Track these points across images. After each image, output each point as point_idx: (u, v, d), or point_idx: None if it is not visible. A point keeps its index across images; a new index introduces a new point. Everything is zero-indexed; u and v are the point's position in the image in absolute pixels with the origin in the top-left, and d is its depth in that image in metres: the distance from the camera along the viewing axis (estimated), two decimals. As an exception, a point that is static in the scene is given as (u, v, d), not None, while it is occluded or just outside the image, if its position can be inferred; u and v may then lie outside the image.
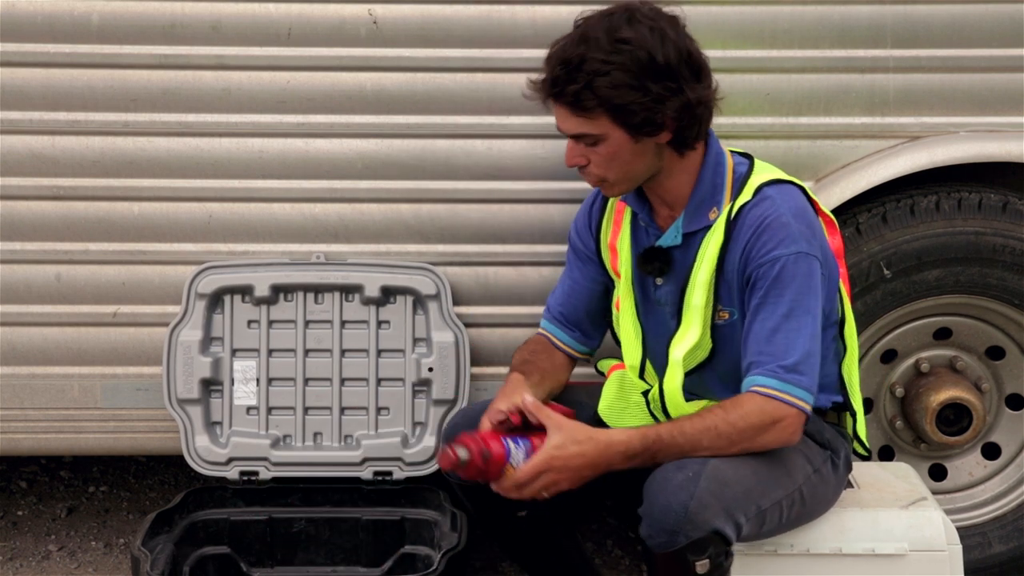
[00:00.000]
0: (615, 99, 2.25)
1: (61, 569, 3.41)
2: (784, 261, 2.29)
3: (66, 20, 2.86)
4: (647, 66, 2.25)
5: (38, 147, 2.91)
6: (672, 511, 2.17)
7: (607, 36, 2.25)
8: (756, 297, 2.31)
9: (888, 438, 3.17)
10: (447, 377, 2.96)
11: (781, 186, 2.40)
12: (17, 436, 3.02)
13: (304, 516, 2.99)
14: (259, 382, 2.98)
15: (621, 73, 2.24)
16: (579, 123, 2.31)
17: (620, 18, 2.28)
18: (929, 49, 2.91)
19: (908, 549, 2.45)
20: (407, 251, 2.98)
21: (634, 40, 2.24)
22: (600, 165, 2.36)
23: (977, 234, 2.95)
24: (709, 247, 2.38)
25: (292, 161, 2.93)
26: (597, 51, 2.24)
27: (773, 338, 2.28)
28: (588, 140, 2.33)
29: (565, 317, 2.66)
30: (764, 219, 2.32)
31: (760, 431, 2.26)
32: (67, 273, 2.96)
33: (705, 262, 2.38)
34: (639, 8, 2.31)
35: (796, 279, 2.29)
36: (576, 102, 2.27)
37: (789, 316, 2.28)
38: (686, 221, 2.41)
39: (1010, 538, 3.13)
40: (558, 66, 2.28)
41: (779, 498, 2.34)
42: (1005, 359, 3.13)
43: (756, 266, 2.31)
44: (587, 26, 2.29)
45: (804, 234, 2.32)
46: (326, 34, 2.88)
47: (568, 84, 2.26)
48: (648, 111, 2.26)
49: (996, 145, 2.94)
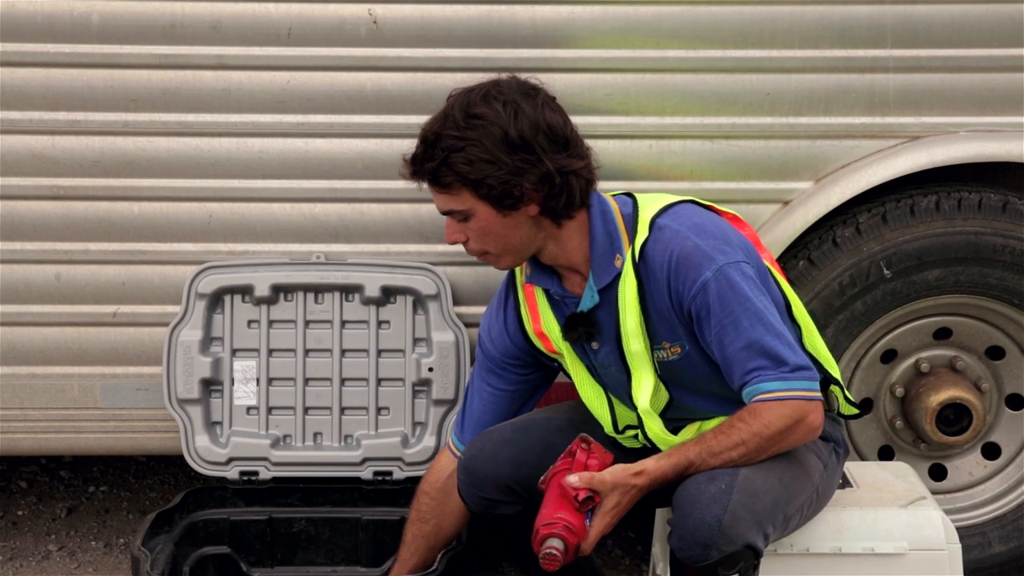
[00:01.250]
0: (470, 174, 2.28)
1: (61, 569, 3.41)
2: (713, 283, 2.27)
3: (66, 20, 2.86)
4: (500, 140, 2.28)
5: (38, 147, 2.91)
6: (706, 525, 2.16)
7: (462, 113, 2.29)
8: (711, 327, 2.29)
9: (888, 438, 3.17)
10: (447, 377, 2.96)
11: (671, 211, 2.39)
12: (17, 436, 3.02)
13: (304, 516, 2.99)
14: (259, 382, 2.99)
15: (475, 148, 2.27)
16: (445, 200, 2.35)
17: (477, 95, 2.32)
18: (929, 49, 2.91)
19: (907, 549, 2.45)
20: (407, 251, 2.98)
21: (486, 116, 2.28)
22: (477, 240, 2.38)
23: (977, 234, 2.95)
24: (626, 294, 2.36)
25: (292, 161, 2.93)
26: (452, 128, 2.29)
27: (751, 354, 2.26)
28: (458, 216, 2.36)
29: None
30: (671, 254, 2.31)
31: (787, 433, 2.25)
32: (67, 273, 2.96)
33: (628, 310, 2.36)
34: (500, 83, 2.35)
35: (734, 291, 2.27)
36: (435, 179, 2.32)
37: (752, 327, 2.26)
38: (596, 278, 2.38)
39: (1010, 538, 3.13)
40: (419, 143, 2.34)
41: (801, 502, 2.35)
42: (1005, 359, 3.13)
43: (690, 300, 2.29)
44: (449, 104, 2.34)
45: (714, 246, 2.31)
46: (326, 34, 2.88)
47: (425, 162, 2.32)
48: (505, 184, 2.28)
49: (996, 145, 2.94)
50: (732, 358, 2.28)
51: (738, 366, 2.27)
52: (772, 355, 2.25)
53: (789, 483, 2.29)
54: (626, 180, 2.87)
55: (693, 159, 2.94)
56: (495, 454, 2.50)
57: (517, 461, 2.47)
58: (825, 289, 2.96)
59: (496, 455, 2.49)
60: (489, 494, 2.50)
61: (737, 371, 2.28)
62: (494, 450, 2.51)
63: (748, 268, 2.31)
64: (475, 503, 2.53)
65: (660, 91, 2.92)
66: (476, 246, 2.39)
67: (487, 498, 2.50)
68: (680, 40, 2.89)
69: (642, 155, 2.93)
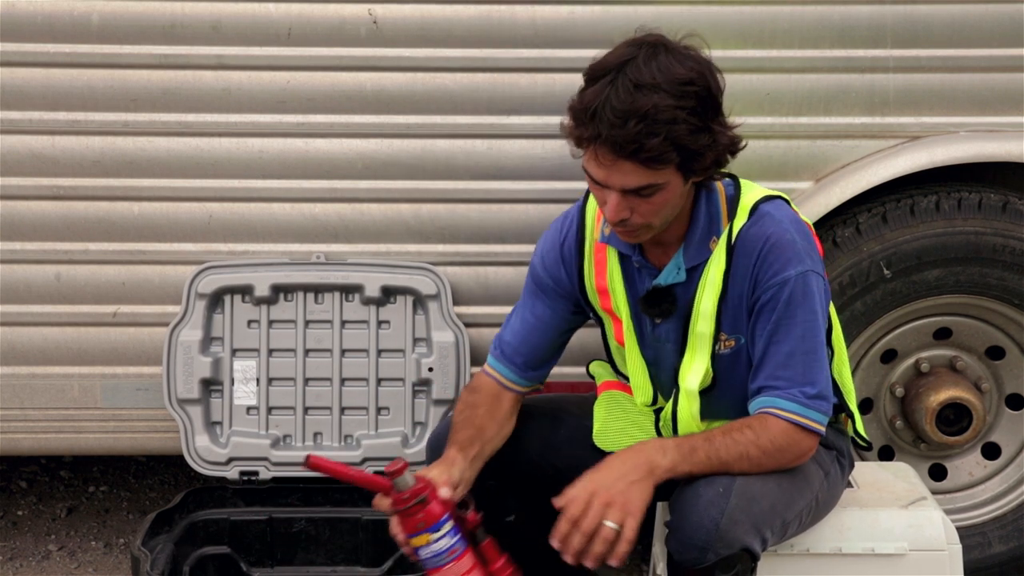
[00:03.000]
0: (691, 145, 2.12)
1: (61, 569, 3.41)
2: (793, 283, 2.24)
3: (66, 20, 2.86)
4: (710, 105, 2.16)
5: (38, 147, 2.91)
6: (703, 528, 2.14)
7: (667, 79, 2.10)
8: (768, 320, 2.26)
9: (888, 438, 3.17)
10: (447, 377, 2.96)
11: (773, 201, 2.35)
12: (17, 436, 3.02)
13: (304, 516, 2.99)
14: (259, 382, 2.99)
15: (694, 118, 2.12)
16: (646, 176, 2.14)
17: (667, 58, 2.13)
18: (929, 49, 2.91)
19: (908, 549, 2.45)
20: (407, 251, 2.98)
21: (696, 80, 2.13)
22: (648, 214, 2.20)
23: (977, 234, 2.95)
24: (711, 275, 2.31)
25: (292, 161, 2.93)
26: (667, 97, 2.09)
27: (790, 362, 2.24)
28: (646, 192, 2.16)
29: (522, 357, 2.51)
30: (767, 239, 2.26)
31: (785, 454, 2.25)
32: (67, 273, 2.96)
33: (708, 291, 2.31)
34: (668, 43, 2.18)
35: (806, 299, 2.24)
36: (657, 157, 2.10)
37: (804, 338, 2.24)
38: (688, 256, 2.32)
39: (1010, 538, 3.13)
40: (631, 120, 2.08)
41: (800, 508, 2.34)
42: (1005, 359, 3.13)
43: (765, 289, 2.26)
44: (632, 71, 2.11)
45: (807, 250, 2.28)
46: (326, 34, 2.88)
47: (648, 138, 2.08)
48: (714, 152, 2.17)
49: (996, 145, 2.94)
50: (770, 357, 2.26)
51: (770, 367, 2.26)
52: (806, 373, 2.24)
53: (788, 489, 2.29)
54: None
55: (693, 159, 2.93)
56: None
57: None
58: (825, 289, 2.96)
59: None
60: None
61: (766, 371, 2.26)
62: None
63: (823, 282, 2.29)
64: None
65: (660, 91, 2.91)
66: (643, 219, 2.21)
67: None
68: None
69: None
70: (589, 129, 2.13)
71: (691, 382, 2.36)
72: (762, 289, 2.26)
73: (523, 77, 2.91)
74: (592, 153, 2.16)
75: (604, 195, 2.20)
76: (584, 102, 2.14)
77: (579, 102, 2.16)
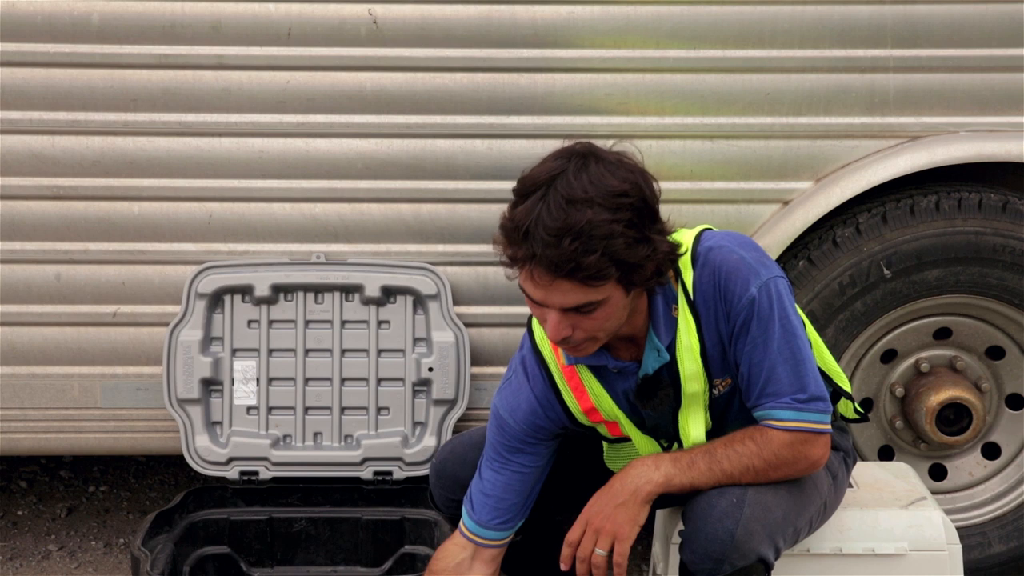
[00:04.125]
0: (630, 259, 2.05)
1: (61, 569, 3.41)
2: (758, 297, 2.19)
3: (66, 20, 2.86)
4: (647, 215, 2.08)
5: (38, 147, 2.91)
6: (719, 539, 2.13)
7: (599, 192, 2.02)
8: (746, 342, 2.22)
9: (888, 438, 3.17)
10: (447, 377, 2.96)
11: (704, 235, 2.28)
12: (17, 436, 3.02)
13: (304, 516, 2.99)
14: (259, 382, 2.99)
15: (631, 230, 2.04)
16: (586, 294, 2.06)
17: (598, 168, 2.05)
18: (929, 49, 2.91)
19: (908, 549, 2.44)
20: (407, 251, 2.98)
21: (630, 191, 2.05)
22: (591, 329, 2.13)
23: (977, 234, 2.95)
24: (684, 340, 2.25)
25: (292, 161, 2.93)
26: (601, 211, 2.01)
27: (774, 375, 2.21)
28: (587, 309, 2.09)
29: (507, 514, 2.40)
30: (717, 271, 2.20)
31: (794, 464, 2.23)
32: (67, 273, 2.96)
33: (687, 355, 2.26)
34: (598, 152, 2.10)
35: (774, 308, 2.20)
36: (595, 275, 2.03)
37: (781, 349, 2.20)
38: (660, 336, 2.24)
39: (1010, 538, 3.13)
40: (566, 238, 2.00)
41: (811, 515, 2.33)
42: (1005, 359, 3.13)
43: (736, 315, 2.21)
44: (562, 185, 2.03)
45: (756, 259, 2.23)
46: (326, 34, 2.88)
47: (585, 255, 2.00)
48: (654, 262, 2.10)
49: (996, 145, 2.94)
50: (755, 375, 2.22)
51: (758, 384, 2.23)
52: (794, 379, 2.21)
53: (798, 496, 2.27)
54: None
55: (693, 159, 2.94)
56: (464, 456, 2.48)
57: None
58: (825, 289, 2.96)
59: (466, 457, 2.48)
60: (458, 495, 2.48)
61: (755, 389, 2.23)
62: (464, 453, 2.50)
63: (786, 283, 2.25)
64: (445, 505, 2.53)
65: (660, 91, 2.92)
66: (584, 335, 2.14)
67: (456, 500, 2.49)
68: (680, 40, 2.90)
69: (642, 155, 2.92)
70: (523, 249, 2.04)
71: (696, 435, 2.32)
72: (734, 316, 2.22)
73: (523, 77, 2.91)
74: (528, 273, 2.08)
75: (543, 313, 2.13)
76: (515, 220, 2.06)
77: (510, 220, 2.08)
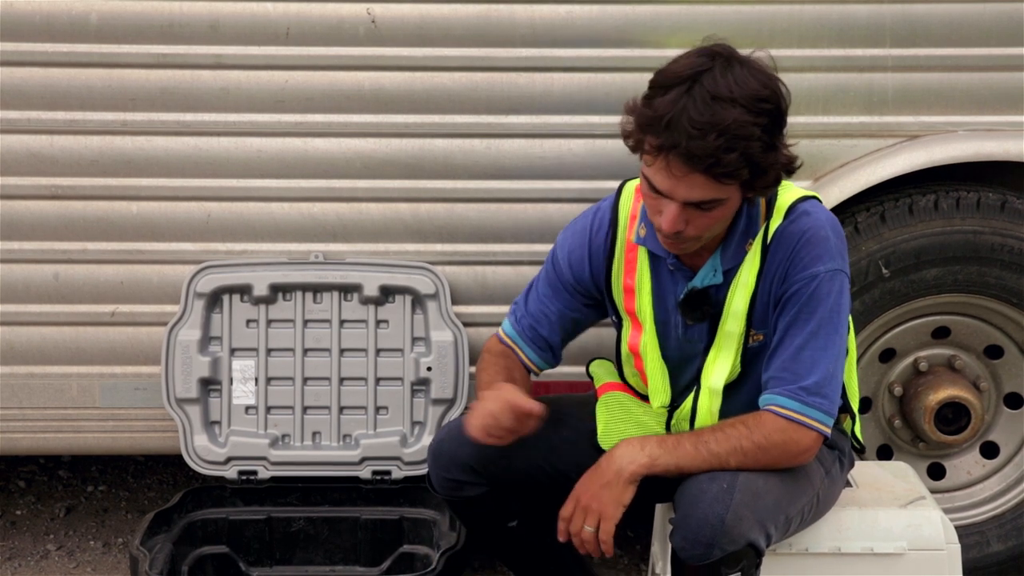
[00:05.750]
0: (761, 163, 2.11)
1: (59, 568, 3.41)
2: (820, 279, 2.23)
3: (64, 19, 2.86)
4: (780, 123, 2.15)
5: (36, 146, 2.91)
6: (708, 524, 2.15)
7: (744, 94, 2.08)
8: (788, 314, 2.25)
9: (887, 437, 3.17)
10: (446, 376, 2.96)
11: (811, 200, 2.34)
12: (16, 435, 3.02)
13: (303, 515, 2.99)
14: (258, 381, 2.99)
15: (767, 135, 2.10)
16: (713, 190, 2.12)
17: (742, 71, 2.11)
18: (928, 48, 2.91)
19: (907, 548, 2.44)
20: (406, 250, 2.98)
21: (771, 97, 2.12)
22: (702, 227, 2.19)
23: (975, 233, 2.95)
24: (743, 276, 2.30)
25: (290, 160, 2.93)
26: (744, 113, 2.07)
27: (799, 356, 2.24)
28: (707, 206, 2.14)
29: (540, 336, 2.52)
30: (803, 234, 2.25)
31: (781, 452, 2.25)
32: (65, 272, 2.96)
33: (740, 292, 2.31)
34: (740, 56, 2.15)
35: (829, 297, 2.24)
36: (730, 172, 2.08)
37: (816, 334, 2.24)
38: (725, 259, 2.30)
39: (1008, 537, 3.13)
40: (711, 133, 2.05)
41: (802, 505, 2.34)
42: (1004, 358, 3.13)
43: (792, 282, 2.25)
44: (708, 82, 2.08)
45: (840, 249, 2.28)
46: (324, 33, 2.88)
47: (726, 153, 2.06)
48: (776, 170, 2.16)
49: (994, 144, 2.94)
50: (783, 349, 2.25)
51: (780, 359, 2.26)
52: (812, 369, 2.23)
53: (790, 484, 2.29)
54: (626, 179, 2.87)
55: (692, 158, 2.93)
56: (461, 437, 2.45)
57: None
58: (824, 288, 2.96)
59: (461, 437, 2.45)
60: (454, 475, 2.48)
61: (776, 363, 2.27)
62: (459, 432, 2.47)
63: (848, 283, 2.29)
64: (441, 485, 2.51)
65: (659, 90, 2.91)
66: (695, 232, 2.19)
67: (452, 479, 2.48)
68: (679, 39, 2.89)
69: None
70: (663, 138, 2.09)
71: (716, 380, 2.36)
72: (791, 282, 2.26)
73: (521, 76, 2.91)
74: (663, 162, 2.11)
75: (661, 204, 2.17)
76: (657, 110, 2.10)
77: (650, 109, 2.11)
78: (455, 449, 2.47)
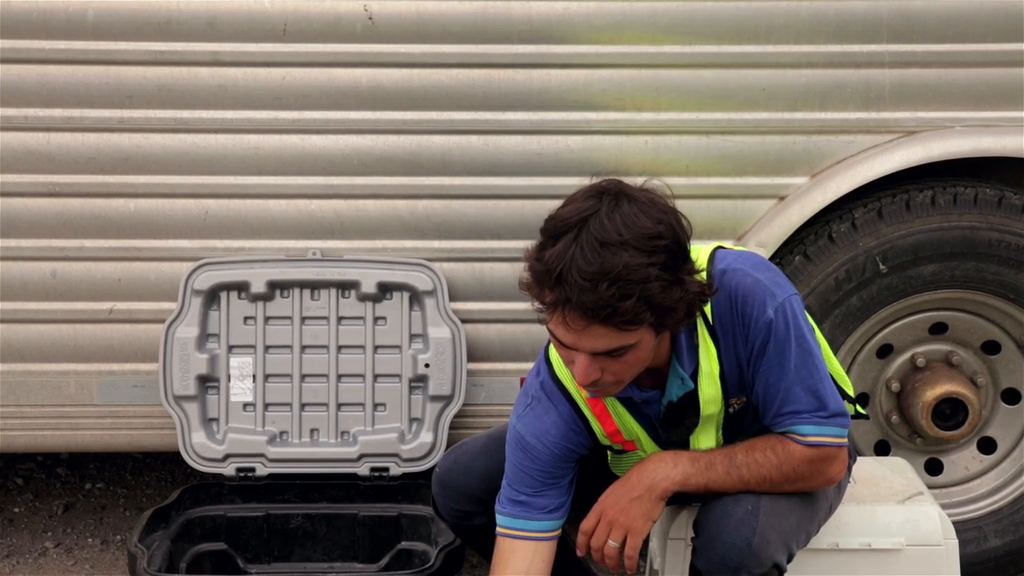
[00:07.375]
0: (664, 303, 1.99)
1: (58, 566, 3.41)
2: (775, 320, 2.16)
3: (61, 16, 2.85)
4: (680, 257, 2.02)
5: (34, 144, 2.91)
6: (736, 548, 2.12)
7: (634, 234, 1.96)
8: (764, 360, 2.19)
9: (884, 433, 3.18)
10: (444, 373, 2.96)
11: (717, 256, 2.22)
12: (13, 433, 3.02)
13: (301, 512, 2.99)
14: (255, 378, 2.98)
15: (666, 273, 1.98)
16: (618, 338, 2.01)
17: (631, 209, 1.99)
18: (925, 44, 2.91)
19: (904, 544, 2.45)
20: (403, 247, 2.98)
21: (664, 233, 1.99)
22: (619, 373, 2.09)
23: (973, 229, 2.95)
24: (704, 366, 2.22)
25: (288, 157, 2.93)
26: (637, 255, 1.95)
27: (794, 392, 2.19)
28: (617, 353, 2.04)
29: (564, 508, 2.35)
30: (734, 295, 2.16)
31: (810, 479, 2.23)
32: (63, 270, 2.96)
33: (707, 381, 2.24)
34: (629, 191, 2.04)
35: (790, 329, 2.17)
36: (631, 319, 1.97)
37: (800, 366, 2.18)
38: (684, 364, 2.20)
39: (1006, 532, 3.13)
40: (602, 282, 1.94)
41: (820, 518, 2.35)
42: (1001, 354, 3.13)
43: (753, 337, 2.18)
44: (596, 227, 1.97)
45: (772, 280, 2.20)
46: (322, 30, 2.88)
47: (622, 300, 1.94)
48: (686, 303, 2.04)
49: (991, 140, 2.95)
50: (772, 395, 2.20)
51: (775, 404, 2.20)
52: (814, 396, 2.19)
53: (809, 501, 2.28)
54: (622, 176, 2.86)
55: (689, 155, 2.94)
56: (468, 466, 2.47)
57: (490, 473, 2.41)
58: (821, 284, 2.96)
59: (469, 467, 2.46)
60: (462, 506, 2.48)
61: (772, 408, 2.21)
62: (468, 462, 2.48)
63: (799, 300, 2.22)
64: (449, 514, 2.52)
65: (656, 87, 2.91)
66: (614, 378, 2.10)
67: (461, 510, 2.48)
68: (676, 36, 2.89)
69: (638, 151, 2.93)
70: (556, 293, 1.98)
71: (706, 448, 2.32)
72: (752, 338, 2.19)
73: (519, 73, 2.91)
74: (560, 317, 2.01)
75: (571, 356, 2.08)
76: (547, 263, 1.99)
77: (540, 263, 2.01)
78: (463, 480, 2.47)
